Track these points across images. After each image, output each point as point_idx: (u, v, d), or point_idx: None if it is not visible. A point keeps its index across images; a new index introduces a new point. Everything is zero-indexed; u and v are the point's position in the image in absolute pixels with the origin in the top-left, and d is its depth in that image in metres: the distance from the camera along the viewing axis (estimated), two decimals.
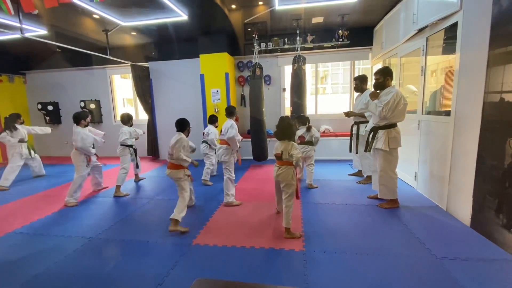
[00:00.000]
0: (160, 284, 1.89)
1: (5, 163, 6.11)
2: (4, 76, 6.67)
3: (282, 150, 2.55)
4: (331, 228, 2.66)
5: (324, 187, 3.88)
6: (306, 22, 4.98)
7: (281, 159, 2.56)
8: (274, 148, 2.65)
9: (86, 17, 4.28)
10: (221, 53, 5.48)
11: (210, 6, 4.07)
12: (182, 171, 2.78)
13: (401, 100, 2.84)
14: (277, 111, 6.11)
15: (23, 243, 2.58)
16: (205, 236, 2.57)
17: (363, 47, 5.54)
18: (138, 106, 6.69)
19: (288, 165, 2.54)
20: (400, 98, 2.84)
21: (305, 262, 2.10)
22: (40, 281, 1.99)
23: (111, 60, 5.58)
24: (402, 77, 4.19)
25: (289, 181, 2.52)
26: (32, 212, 3.31)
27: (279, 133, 2.63)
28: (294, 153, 2.50)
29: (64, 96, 6.97)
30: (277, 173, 2.57)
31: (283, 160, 2.55)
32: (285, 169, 2.54)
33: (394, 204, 3.10)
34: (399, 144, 2.98)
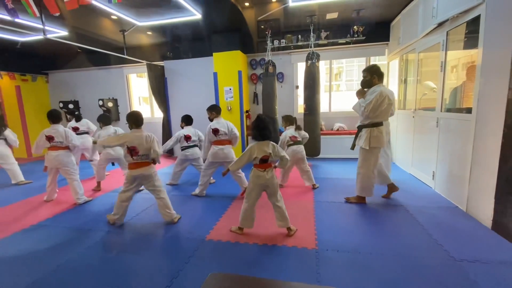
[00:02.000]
0: (175, 278, 1.94)
1: (30, 159, 6.41)
2: (28, 75, 7.01)
3: (270, 152, 2.37)
4: (344, 227, 2.63)
5: (337, 186, 3.83)
6: (320, 18, 4.90)
7: (267, 161, 2.39)
8: (256, 150, 2.38)
9: (104, 18, 4.42)
10: (234, 51, 5.50)
11: (224, 4, 4.09)
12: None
13: (385, 99, 2.81)
14: (290, 108, 6.08)
15: (47, 235, 2.72)
16: (218, 232, 2.61)
17: (379, 43, 5.39)
18: (154, 104, 6.84)
19: (271, 168, 2.44)
20: (384, 97, 2.81)
21: (318, 260, 2.09)
22: (63, 271, 2.09)
23: (127, 59, 5.74)
24: (420, 73, 4.06)
25: (276, 183, 2.46)
26: (54, 206, 3.48)
27: (263, 133, 2.39)
28: (284, 154, 2.45)
29: (84, 94, 7.24)
30: (267, 177, 2.38)
31: (269, 162, 2.41)
32: (272, 172, 2.44)
33: (360, 200, 3.18)
34: (380, 144, 2.94)
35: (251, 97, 6.27)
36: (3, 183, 4.54)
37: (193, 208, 3.28)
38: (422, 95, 4.00)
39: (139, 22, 4.63)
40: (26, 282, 1.97)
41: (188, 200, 3.57)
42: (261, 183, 2.41)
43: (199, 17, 4.42)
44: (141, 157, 2.68)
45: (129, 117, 2.76)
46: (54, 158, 3.43)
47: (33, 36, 5.10)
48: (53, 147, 3.45)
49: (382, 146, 2.99)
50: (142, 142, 2.66)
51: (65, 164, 3.46)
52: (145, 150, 2.68)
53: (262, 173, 2.39)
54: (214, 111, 3.60)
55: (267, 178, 2.39)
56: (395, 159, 5.02)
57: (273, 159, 2.40)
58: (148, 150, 2.70)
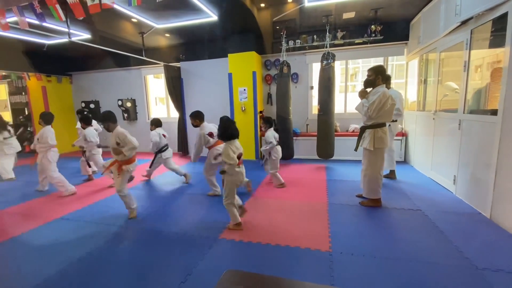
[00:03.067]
0: (189, 275, 1.98)
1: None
2: (54, 77, 7.37)
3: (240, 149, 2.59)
4: (358, 230, 2.58)
5: (351, 188, 3.76)
6: (336, 18, 4.84)
7: (240, 158, 2.56)
8: (234, 149, 2.52)
9: (125, 21, 4.57)
10: (249, 52, 5.53)
11: (240, 6, 4.13)
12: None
13: (388, 100, 2.80)
14: (304, 109, 6.04)
15: (69, 228, 2.85)
16: (231, 231, 2.63)
17: (397, 42, 5.25)
18: (170, 104, 7.00)
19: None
20: (387, 98, 2.79)
21: (331, 263, 2.06)
22: (84, 263, 2.19)
23: (146, 61, 5.91)
24: (441, 73, 3.91)
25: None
26: (76, 201, 3.63)
27: (234, 133, 2.58)
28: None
29: (104, 95, 7.52)
30: (243, 171, 2.60)
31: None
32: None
33: (375, 203, 3.10)
34: (385, 144, 2.93)
35: (265, 97, 6.28)
36: (27, 180, 4.79)
37: (207, 207, 3.33)
38: (443, 96, 3.86)
39: (157, 25, 4.76)
40: (50, 272, 2.07)
41: (202, 199, 3.62)
42: (241, 179, 2.60)
43: (215, 19, 4.48)
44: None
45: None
46: None
47: (59, 39, 5.36)
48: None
49: (387, 147, 2.98)
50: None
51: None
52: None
53: (240, 169, 2.58)
54: (198, 119, 3.63)
55: (243, 173, 2.61)
56: (413, 162, 4.86)
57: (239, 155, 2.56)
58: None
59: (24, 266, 2.21)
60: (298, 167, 5.15)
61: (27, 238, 2.67)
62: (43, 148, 3.78)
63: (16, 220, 3.12)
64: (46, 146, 3.76)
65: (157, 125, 4.34)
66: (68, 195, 3.87)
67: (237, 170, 2.54)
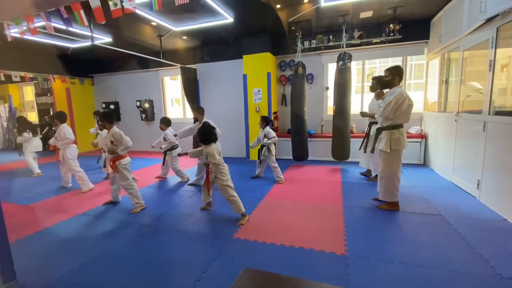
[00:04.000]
0: (204, 272, 2.01)
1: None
2: (77, 79, 7.71)
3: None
4: (375, 234, 2.52)
5: (368, 191, 3.68)
6: (353, 18, 4.76)
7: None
8: (216, 151, 2.82)
9: (144, 25, 4.72)
10: (263, 53, 5.55)
11: (256, 7, 4.16)
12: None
13: (405, 100, 2.73)
14: (319, 110, 5.97)
15: (90, 224, 2.98)
16: (245, 231, 2.65)
17: (417, 41, 5.09)
18: (186, 105, 7.13)
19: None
20: (404, 98, 2.73)
21: (347, 266, 2.03)
22: (103, 258, 2.28)
23: (163, 63, 6.07)
24: (464, 73, 3.75)
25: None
26: (97, 197, 3.78)
27: (211, 137, 2.87)
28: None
29: (124, 96, 7.78)
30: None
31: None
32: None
33: (393, 207, 3.03)
34: (402, 146, 2.86)
35: (279, 98, 6.27)
36: (51, 176, 5.02)
37: (221, 206, 3.37)
38: (466, 96, 3.70)
39: (175, 27, 4.87)
40: (73, 265, 2.17)
41: (216, 198, 3.66)
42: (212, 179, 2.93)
43: (231, 20, 4.53)
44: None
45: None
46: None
47: (82, 43, 5.61)
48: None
49: (404, 148, 2.91)
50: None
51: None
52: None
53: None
54: (201, 112, 4.04)
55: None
56: (433, 165, 4.69)
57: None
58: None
59: (48, 259, 2.33)
60: (312, 168, 5.10)
61: (51, 232, 2.81)
62: (62, 144, 4.01)
63: (41, 214, 3.29)
64: (65, 142, 3.99)
65: (168, 124, 4.45)
66: (87, 191, 4.08)
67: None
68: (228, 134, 6.46)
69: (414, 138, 5.06)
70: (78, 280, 1.99)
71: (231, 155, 6.51)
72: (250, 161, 5.91)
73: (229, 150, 6.52)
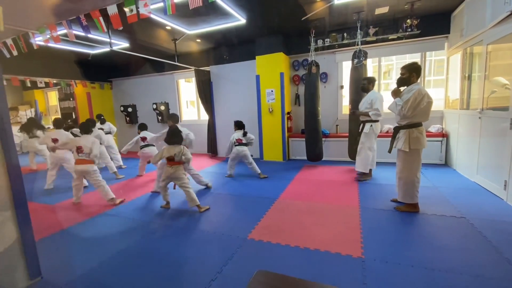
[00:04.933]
0: (219, 273, 2.03)
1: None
2: (97, 83, 8.02)
3: (175, 153, 3.23)
4: (393, 237, 2.44)
5: (385, 192, 3.57)
6: (368, 14, 4.64)
7: (173, 160, 3.25)
8: (165, 152, 3.27)
9: (159, 29, 4.84)
10: (276, 53, 5.53)
11: (269, 8, 4.15)
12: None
13: (424, 98, 2.63)
14: (334, 109, 5.87)
15: (110, 223, 3.08)
16: (259, 232, 2.64)
17: (437, 36, 4.89)
18: (200, 107, 7.24)
19: (177, 165, 3.27)
20: (422, 96, 2.63)
21: (364, 270, 1.98)
22: (122, 257, 2.35)
23: (178, 66, 6.19)
24: (488, 68, 3.56)
25: (180, 175, 3.27)
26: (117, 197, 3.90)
27: (172, 140, 3.32)
28: (188, 154, 3.31)
29: (140, 99, 8.01)
30: (171, 171, 3.23)
31: (175, 160, 3.25)
32: (176, 168, 3.26)
33: (412, 209, 2.94)
34: (422, 145, 2.76)
35: (293, 98, 6.22)
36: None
37: (235, 207, 3.39)
38: (491, 92, 3.51)
39: (189, 31, 4.95)
40: (93, 263, 2.25)
41: (231, 199, 3.69)
42: (167, 175, 3.27)
43: (244, 22, 4.55)
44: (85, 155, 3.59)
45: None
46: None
47: (101, 49, 5.83)
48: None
49: (424, 147, 2.80)
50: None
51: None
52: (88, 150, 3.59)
53: (168, 168, 3.26)
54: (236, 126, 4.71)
55: (171, 172, 3.24)
56: (456, 165, 4.48)
57: (179, 158, 3.26)
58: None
59: (71, 256, 2.44)
60: (327, 169, 5.02)
61: (74, 231, 2.94)
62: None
63: (64, 214, 3.44)
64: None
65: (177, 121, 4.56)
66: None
67: (167, 168, 3.29)
68: None
69: (435, 137, 4.85)
70: (98, 278, 2.07)
71: None
72: (263, 161, 5.91)
73: None
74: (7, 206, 1.85)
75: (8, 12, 1.98)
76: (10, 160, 1.84)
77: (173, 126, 3.82)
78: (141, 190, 4.28)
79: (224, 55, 6.46)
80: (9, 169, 1.84)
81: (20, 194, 1.91)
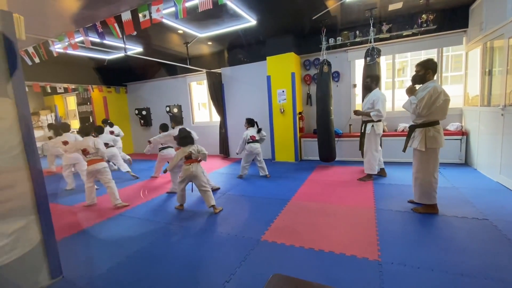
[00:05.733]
0: (233, 274, 2.03)
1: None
2: (112, 88, 8.26)
3: (191, 151, 3.32)
4: (412, 239, 2.37)
5: (402, 193, 3.47)
6: (381, 11, 4.54)
7: (191, 158, 3.32)
8: (181, 154, 3.36)
9: (171, 33, 4.93)
10: (287, 53, 5.50)
11: (279, 8, 4.14)
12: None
13: (440, 95, 2.53)
14: (347, 108, 5.77)
15: (127, 224, 3.16)
16: (272, 233, 2.63)
17: (454, 31, 4.71)
18: (212, 109, 7.31)
19: (196, 163, 3.33)
20: (438, 93, 2.53)
21: (381, 273, 1.92)
22: (137, 257, 2.40)
23: (190, 69, 6.27)
24: (510, 62, 3.39)
25: (200, 173, 3.32)
26: (132, 200, 4.00)
27: (184, 141, 3.41)
28: (203, 150, 3.40)
29: (154, 102, 8.18)
30: (192, 169, 3.26)
31: (193, 158, 3.33)
32: (197, 165, 3.33)
33: (431, 210, 2.83)
34: (439, 144, 2.65)
35: (304, 98, 6.17)
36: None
37: (248, 208, 3.39)
38: None
39: (200, 34, 5.01)
40: (112, 263, 2.31)
41: (243, 200, 3.70)
42: (187, 174, 3.27)
43: (254, 23, 4.56)
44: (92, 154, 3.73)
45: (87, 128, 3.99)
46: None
47: (116, 54, 6.01)
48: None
49: (441, 147, 2.70)
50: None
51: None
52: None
53: (188, 167, 3.28)
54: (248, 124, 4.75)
55: (192, 170, 3.26)
56: (477, 164, 4.30)
57: (196, 156, 3.33)
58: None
59: (90, 256, 2.51)
60: (340, 169, 4.94)
61: (92, 231, 3.03)
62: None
63: (82, 215, 3.55)
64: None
65: (180, 123, 4.71)
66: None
67: (185, 167, 3.32)
68: None
69: (454, 136, 4.68)
70: (116, 278, 2.12)
71: None
72: (275, 162, 5.89)
73: None
74: (31, 210, 1.93)
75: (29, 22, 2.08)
76: (34, 166, 1.92)
77: (182, 128, 3.96)
78: (157, 192, 4.36)
79: (240, 57, 6.44)
80: (33, 174, 1.92)
81: (42, 198, 1.98)
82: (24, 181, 1.87)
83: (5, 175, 1.55)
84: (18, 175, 1.82)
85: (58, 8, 3.46)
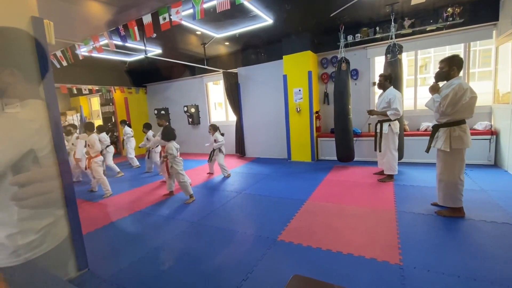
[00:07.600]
0: (250, 273, 2.04)
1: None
2: (133, 88, 8.55)
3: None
4: (435, 244, 2.27)
5: (424, 195, 3.33)
6: (403, 5, 4.36)
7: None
8: (174, 147, 3.67)
9: (190, 34, 5.02)
10: (304, 52, 5.44)
11: (296, 6, 4.09)
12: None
13: (465, 93, 2.39)
14: (366, 107, 5.59)
15: (146, 220, 3.26)
16: (289, 234, 2.62)
17: (483, 24, 4.44)
18: (228, 108, 7.38)
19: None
20: (464, 90, 2.39)
21: (403, 278, 1.86)
22: (158, 253, 2.47)
23: (207, 69, 6.36)
24: None
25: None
26: (151, 197, 4.12)
27: (173, 135, 3.77)
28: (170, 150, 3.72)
29: (172, 102, 8.38)
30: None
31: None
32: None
33: (457, 213, 2.71)
34: (465, 145, 2.51)
35: (322, 97, 6.07)
36: (117, 177, 5.63)
37: (264, 208, 3.39)
38: None
39: (217, 34, 5.07)
40: (133, 258, 2.40)
41: (260, 199, 3.70)
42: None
43: (271, 22, 4.55)
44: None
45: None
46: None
47: (137, 56, 6.21)
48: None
49: (468, 147, 2.56)
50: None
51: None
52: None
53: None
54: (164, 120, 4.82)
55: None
56: (508, 166, 4.04)
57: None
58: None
59: (113, 250, 2.62)
60: (359, 170, 4.82)
61: (115, 226, 3.16)
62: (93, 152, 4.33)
63: (108, 211, 3.71)
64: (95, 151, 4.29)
65: (215, 129, 5.02)
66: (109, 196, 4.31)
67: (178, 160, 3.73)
68: (269, 135, 6.49)
69: (482, 135, 4.42)
70: (137, 272, 2.20)
71: (272, 156, 6.51)
72: (291, 162, 5.84)
73: (270, 152, 6.53)
74: (60, 205, 2.04)
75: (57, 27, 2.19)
76: (63, 162, 2.03)
77: (167, 125, 4.27)
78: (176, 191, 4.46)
79: (258, 53, 6.42)
80: (62, 170, 2.02)
81: (70, 193, 2.09)
82: (54, 177, 1.98)
83: (40, 170, 1.65)
84: (49, 171, 1.93)
85: (84, 13, 3.63)
